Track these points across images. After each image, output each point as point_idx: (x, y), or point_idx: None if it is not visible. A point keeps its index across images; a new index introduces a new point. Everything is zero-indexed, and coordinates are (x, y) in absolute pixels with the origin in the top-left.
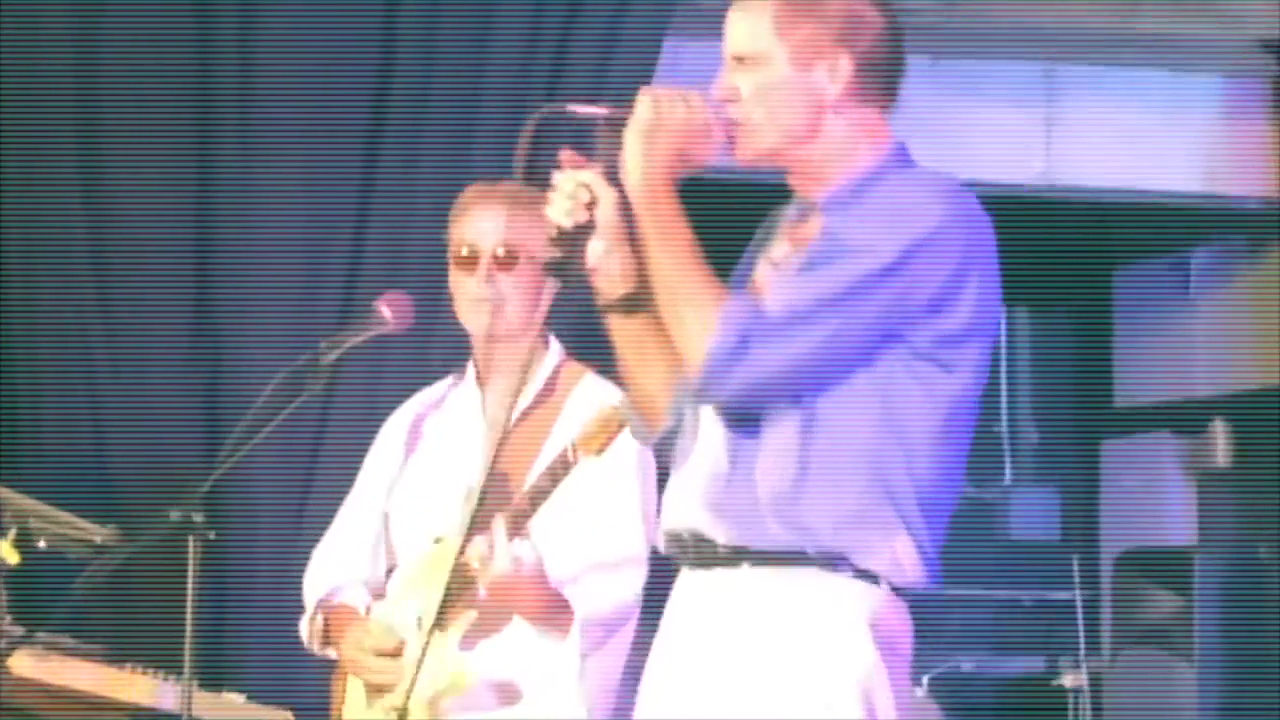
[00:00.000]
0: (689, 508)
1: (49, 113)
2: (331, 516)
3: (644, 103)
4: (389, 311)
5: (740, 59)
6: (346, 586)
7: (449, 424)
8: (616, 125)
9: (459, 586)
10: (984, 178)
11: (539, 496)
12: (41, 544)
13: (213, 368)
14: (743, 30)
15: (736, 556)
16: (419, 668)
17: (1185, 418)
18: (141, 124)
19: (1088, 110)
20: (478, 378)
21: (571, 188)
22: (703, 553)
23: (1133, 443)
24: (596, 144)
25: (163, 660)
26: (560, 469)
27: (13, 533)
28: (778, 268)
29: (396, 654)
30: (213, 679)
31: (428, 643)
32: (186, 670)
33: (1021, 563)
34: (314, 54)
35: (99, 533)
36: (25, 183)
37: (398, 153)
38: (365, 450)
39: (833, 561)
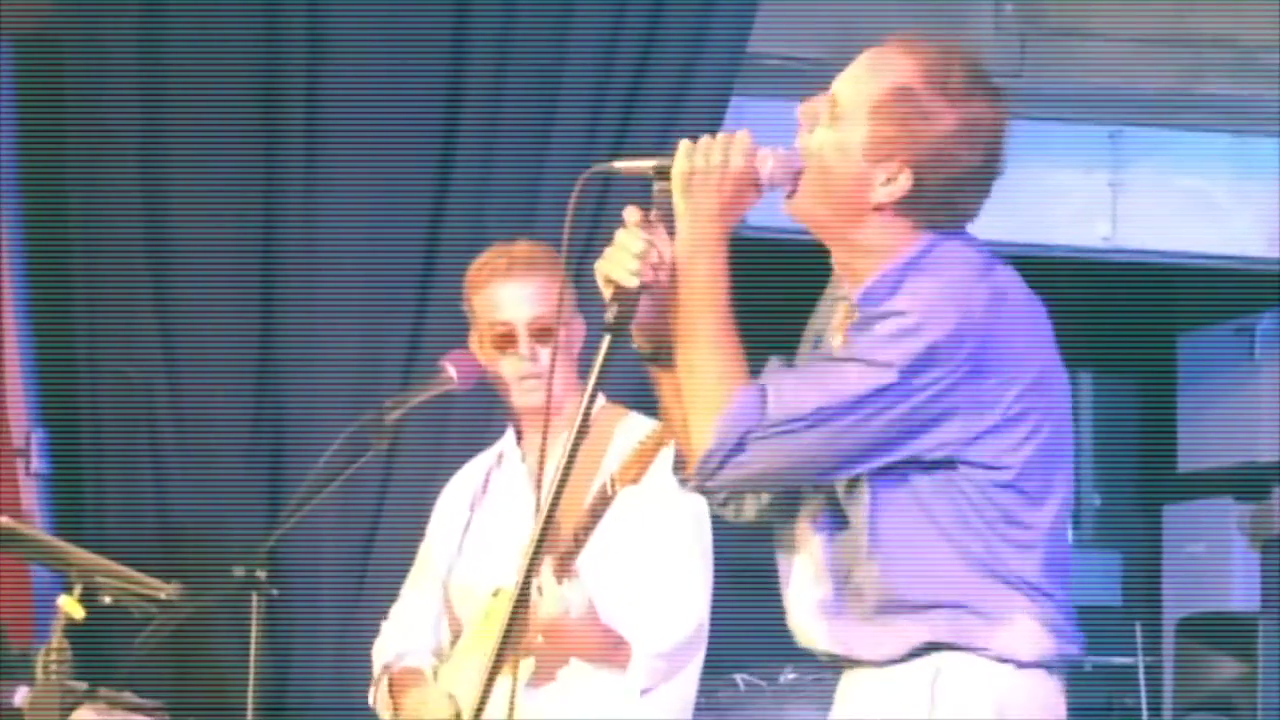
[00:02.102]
0: (803, 624)
1: (112, 148)
2: (394, 574)
3: (680, 154)
4: (454, 370)
5: (834, 102)
6: (411, 652)
7: (499, 498)
8: (666, 176)
9: (516, 632)
10: (1049, 241)
11: (582, 534)
12: (106, 600)
13: (277, 425)
14: (852, 82)
15: (859, 663)
16: (478, 715)
17: (1248, 483)
18: (206, 169)
19: (1153, 173)
20: (518, 438)
21: (641, 247)
22: (836, 660)
23: (1196, 507)
24: (652, 199)
25: (224, 716)
26: (600, 503)
27: (78, 589)
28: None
29: None
30: None
31: (485, 692)
32: None
33: (1083, 627)
34: (382, 88)
35: (163, 589)
36: (92, 243)
37: (463, 212)
38: (428, 509)
39: (950, 647)
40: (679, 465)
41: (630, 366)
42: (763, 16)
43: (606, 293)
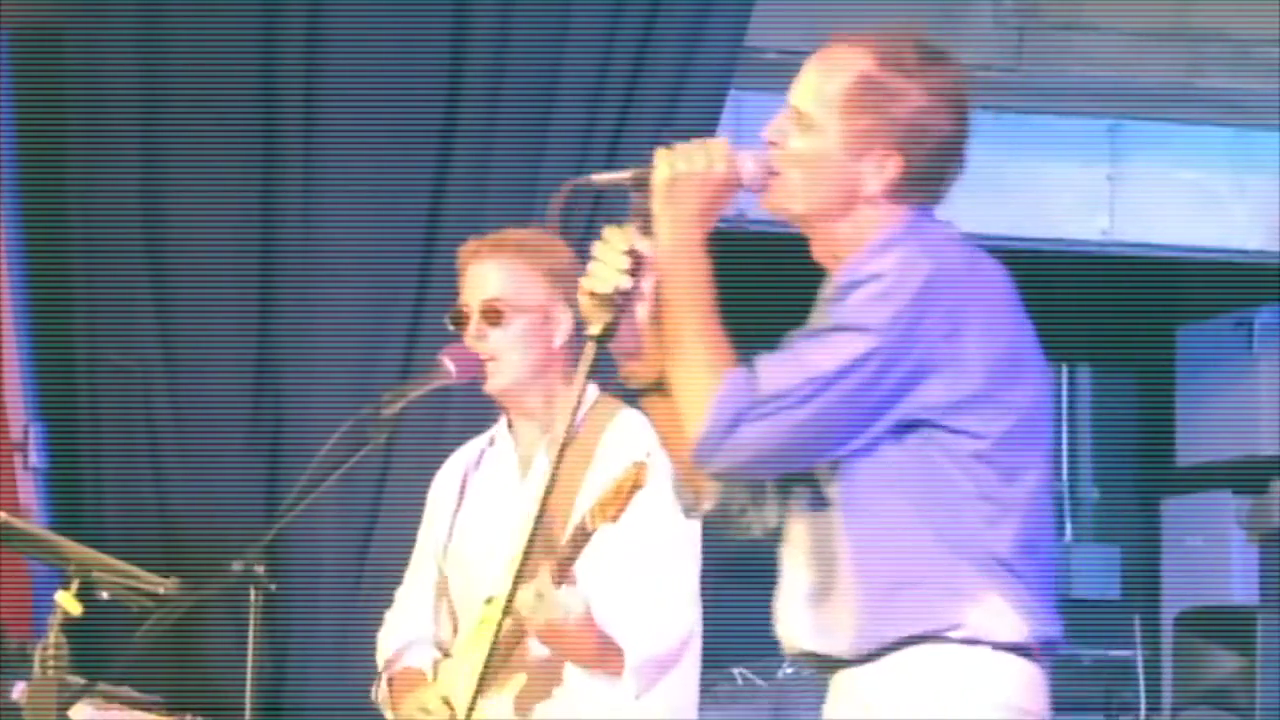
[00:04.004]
0: (789, 623)
1: (111, 142)
2: (392, 568)
3: (660, 162)
4: (451, 364)
5: (799, 114)
6: (411, 647)
7: (488, 478)
8: (643, 186)
9: (506, 649)
10: (1047, 234)
11: (572, 549)
12: (104, 595)
13: (275, 420)
14: (811, 87)
15: (844, 663)
16: None
17: (1247, 477)
18: (205, 166)
19: (1152, 167)
20: (509, 428)
21: (610, 255)
22: (822, 661)
23: (1194, 501)
24: (629, 209)
25: (222, 711)
26: (580, 538)
27: (76, 584)
28: None
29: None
30: None
31: (472, 708)
32: None
33: (1082, 621)
34: (380, 86)
35: (161, 584)
36: (90, 238)
37: (461, 208)
38: (425, 503)
39: (930, 637)
40: (679, 494)
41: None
42: (760, 10)
43: (589, 309)
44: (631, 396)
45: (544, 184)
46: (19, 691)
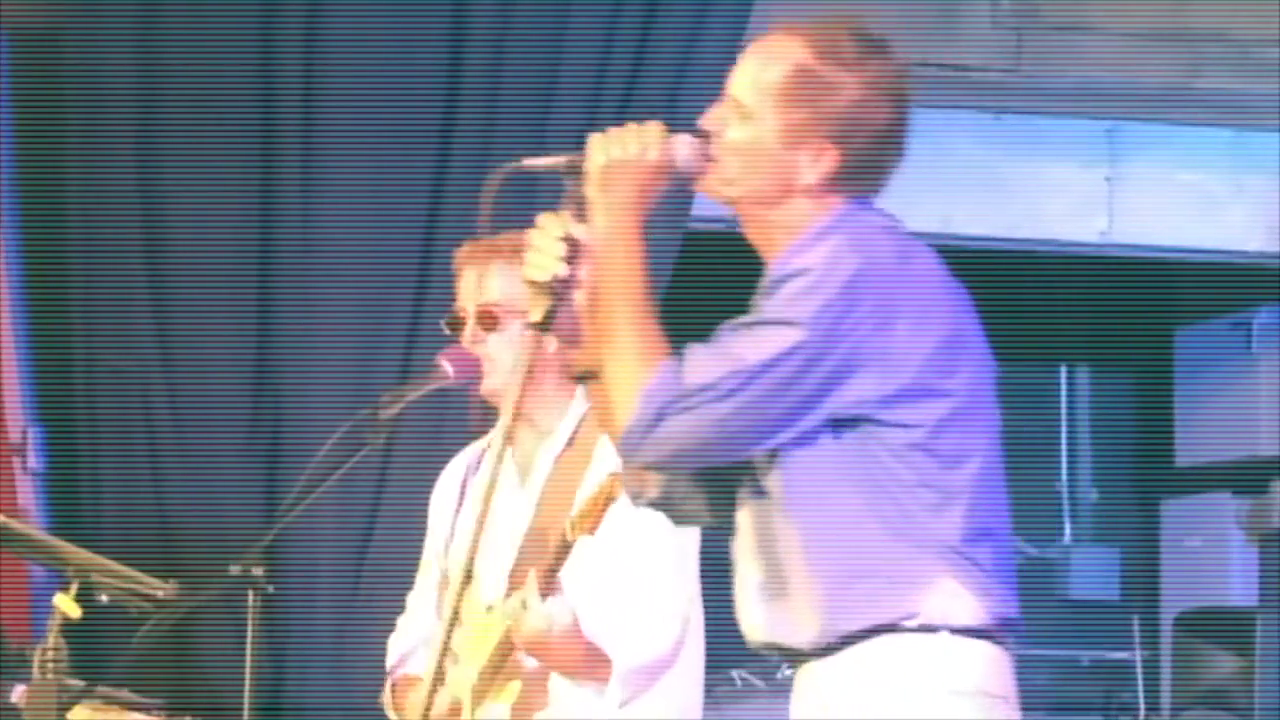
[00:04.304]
0: (748, 618)
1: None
2: (390, 571)
3: (594, 147)
4: (449, 366)
5: (737, 104)
6: (415, 651)
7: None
8: (578, 171)
9: (502, 656)
10: (1046, 235)
11: (557, 561)
12: (103, 598)
13: (274, 422)
14: (748, 79)
15: (805, 655)
16: None
17: (1246, 478)
18: (203, 167)
19: (1150, 169)
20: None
21: (546, 243)
22: (784, 654)
23: (1193, 502)
24: (564, 195)
25: (221, 713)
26: (562, 549)
27: (74, 587)
28: None
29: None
30: None
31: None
32: None
33: (1081, 622)
34: (379, 86)
35: (160, 587)
36: (88, 240)
37: (460, 208)
38: (424, 506)
39: (887, 628)
40: (625, 483)
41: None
42: (760, 8)
43: (530, 296)
44: None
45: (542, 185)
46: (18, 694)
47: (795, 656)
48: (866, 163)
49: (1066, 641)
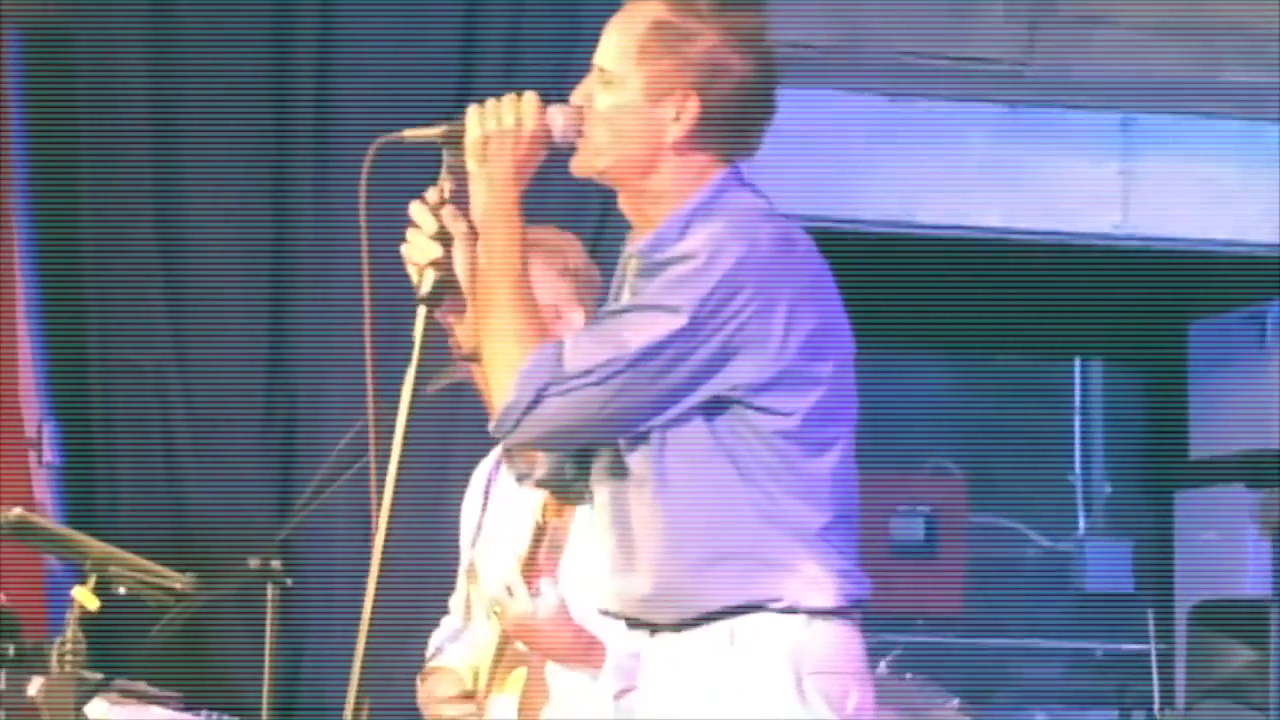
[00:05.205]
0: (609, 594)
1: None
2: (405, 567)
3: (471, 120)
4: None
5: (602, 71)
6: (449, 645)
7: (507, 477)
8: (456, 142)
9: (502, 645)
10: (1060, 228)
11: (535, 546)
12: (121, 590)
13: (289, 414)
14: (611, 45)
15: (658, 627)
16: None
17: (1261, 470)
18: (217, 155)
19: (1164, 161)
20: None
21: (426, 220)
22: (636, 624)
23: (1208, 495)
24: (442, 167)
25: (237, 706)
26: (539, 533)
27: (93, 579)
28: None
29: (468, 698)
30: None
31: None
32: (264, 716)
33: (1095, 614)
34: (392, 84)
35: (178, 580)
36: (102, 236)
37: None
38: (439, 502)
39: (745, 609)
40: (513, 462)
41: None
42: (773, 4)
43: (413, 274)
44: None
45: (555, 183)
46: (35, 687)
47: (648, 628)
48: (730, 114)
49: (1080, 634)
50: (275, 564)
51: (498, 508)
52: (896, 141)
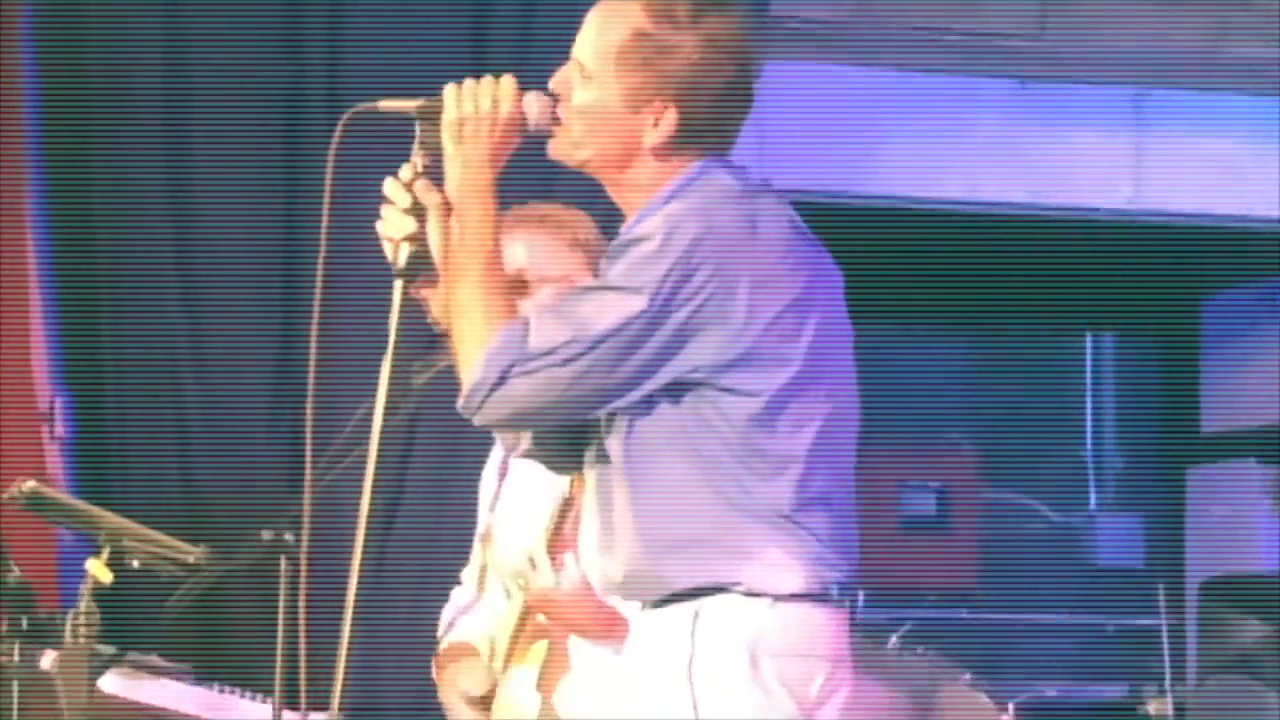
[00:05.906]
0: (587, 563)
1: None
2: (415, 544)
3: (448, 101)
4: None
5: (580, 66)
6: (462, 619)
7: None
8: (431, 117)
9: (524, 617)
10: (1072, 203)
11: (561, 519)
12: (134, 563)
13: (301, 387)
14: (590, 41)
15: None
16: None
17: (1272, 445)
18: (230, 155)
19: (1176, 136)
20: None
21: (400, 195)
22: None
23: (1219, 469)
24: (416, 142)
25: (250, 680)
26: (566, 505)
27: (106, 552)
28: None
29: (486, 700)
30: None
31: (500, 678)
32: (277, 690)
33: (1106, 589)
34: (403, 82)
35: (192, 552)
36: (114, 211)
37: None
38: (450, 478)
39: (709, 590)
40: (500, 435)
41: None
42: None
43: (389, 249)
44: None
45: (565, 173)
46: (49, 660)
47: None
48: (709, 122)
49: (1092, 608)
50: (288, 536)
51: (518, 476)
52: (907, 116)
